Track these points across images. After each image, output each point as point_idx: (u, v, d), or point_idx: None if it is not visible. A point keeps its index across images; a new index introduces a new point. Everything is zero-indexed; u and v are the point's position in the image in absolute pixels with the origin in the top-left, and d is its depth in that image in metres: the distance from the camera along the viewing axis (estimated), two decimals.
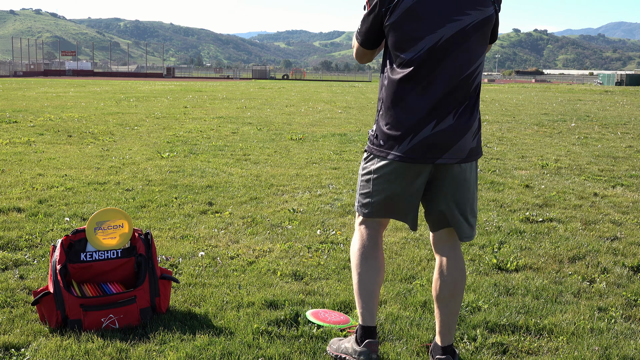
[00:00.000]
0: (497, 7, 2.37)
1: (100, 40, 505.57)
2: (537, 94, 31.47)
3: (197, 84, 44.51)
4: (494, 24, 2.38)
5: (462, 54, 2.29)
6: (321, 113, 16.60)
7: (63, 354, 2.68)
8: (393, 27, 2.32)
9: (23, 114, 14.74)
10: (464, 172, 2.41)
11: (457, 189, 2.42)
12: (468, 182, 2.44)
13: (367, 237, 2.59)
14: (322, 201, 5.72)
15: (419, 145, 2.32)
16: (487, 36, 2.38)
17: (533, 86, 49.88)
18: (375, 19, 2.37)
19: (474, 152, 2.41)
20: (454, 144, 2.32)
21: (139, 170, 7.22)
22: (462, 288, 2.55)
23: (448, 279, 2.53)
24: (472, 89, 2.35)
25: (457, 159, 2.35)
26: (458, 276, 2.53)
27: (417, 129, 2.32)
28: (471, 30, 2.29)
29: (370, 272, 2.56)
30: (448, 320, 2.57)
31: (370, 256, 2.57)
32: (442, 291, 2.55)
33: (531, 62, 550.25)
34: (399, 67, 2.35)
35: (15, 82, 40.75)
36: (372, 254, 2.57)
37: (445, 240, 2.56)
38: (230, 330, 2.92)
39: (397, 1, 2.29)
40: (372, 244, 2.58)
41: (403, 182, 2.41)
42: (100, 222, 3.13)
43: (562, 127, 13.33)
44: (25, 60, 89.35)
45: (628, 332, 3.00)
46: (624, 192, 6.36)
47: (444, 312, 2.56)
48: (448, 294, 2.54)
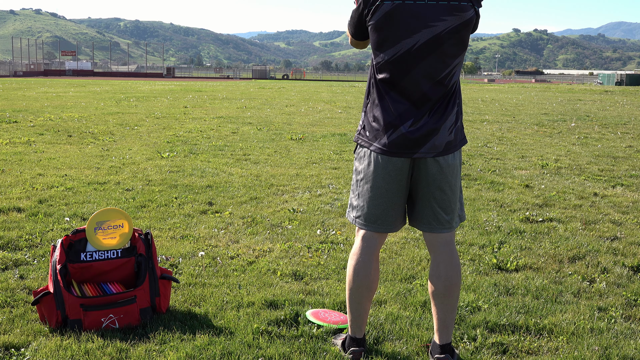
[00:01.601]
0: (477, 7, 2.42)
1: (100, 40, 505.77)
2: (537, 93, 31.47)
3: (197, 84, 44.51)
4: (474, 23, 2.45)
5: (436, 58, 2.39)
6: (321, 113, 16.60)
7: (63, 354, 2.68)
8: (373, 28, 2.43)
9: (23, 114, 14.75)
10: (442, 164, 2.49)
11: (434, 181, 2.50)
12: (445, 173, 2.50)
13: (361, 252, 2.61)
14: (322, 201, 5.72)
15: (397, 140, 2.44)
16: (465, 39, 2.43)
17: (533, 86, 49.90)
18: (360, 17, 2.49)
19: (452, 144, 2.50)
20: (428, 140, 2.43)
21: (139, 170, 7.22)
22: (457, 284, 2.58)
23: (442, 276, 2.56)
24: (447, 89, 2.46)
25: (433, 152, 2.45)
26: (452, 272, 2.56)
27: (396, 125, 2.44)
28: (445, 36, 2.37)
29: (362, 289, 2.61)
30: (445, 317, 2.59)
31: (362, 272, 2.60)
32: (437, 288, 2.58)
33: (531, 62, 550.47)
34: (379, 65, 2.47)
35: (15, 82, 40.76)
36: (365, 271, 2.60)
37: (437, 237, 2.58)
38: (230, 330, 2.93)
39: (379, 4, 2.38)
40: (367, 259, 2.60)
41: (387, 177, 2.50)
42: (100, 222, 3.13)
43: (562, 127, 13.33)
44: (25, 60, 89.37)
45: (628, 332, 3.00)
46: (624, 192, 6.36)
47: (441, 309, 2.59)
48: (443, 291, 2.57)
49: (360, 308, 2.64)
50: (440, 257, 2.58)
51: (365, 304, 2.64)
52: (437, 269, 2.58)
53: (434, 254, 2.60)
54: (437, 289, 2.57)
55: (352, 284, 2.62)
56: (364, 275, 2.59)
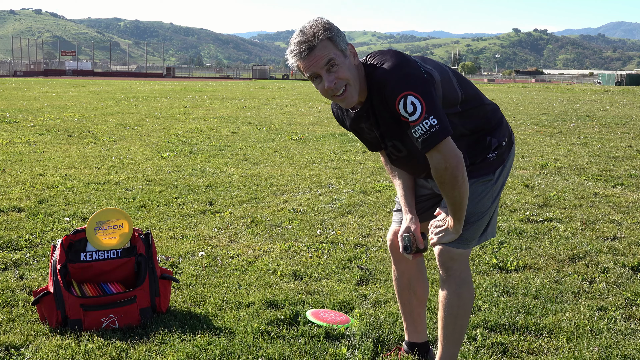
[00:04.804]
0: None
1: (100, 40, 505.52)
2: (537, 93, 31.47)
3: (197, 84, 44.50)
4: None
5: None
6: (321, 113, 16.60)
7: (63, 354, 2.68)
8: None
9: (23, 114, 14.75)
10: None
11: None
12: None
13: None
14: (322, 201, 5.72)
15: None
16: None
17: (533, 86, 49.88)
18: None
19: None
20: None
21: (139, 170, 7.22)
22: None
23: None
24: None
25: None
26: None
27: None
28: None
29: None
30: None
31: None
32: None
33: (531, 62, 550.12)
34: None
35: (15, 82, 40.75)
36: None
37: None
38: (230, 330, 2.93)
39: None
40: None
41: None
42: (101, 222, 3.13)
43: (562, 127, 13.33)
44: (25, 60, 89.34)
45: (628, 332, 3.00)
46: (624, 192, 6.36)
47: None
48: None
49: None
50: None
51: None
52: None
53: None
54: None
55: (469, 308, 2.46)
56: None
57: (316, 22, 2.15)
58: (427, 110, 2.09)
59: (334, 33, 2.14)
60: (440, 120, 2.10)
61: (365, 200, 5.80)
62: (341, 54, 2.15)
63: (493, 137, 2.36)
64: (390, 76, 2.13)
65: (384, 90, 2.14)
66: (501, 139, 2.38)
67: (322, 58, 2.13)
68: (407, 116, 2.11)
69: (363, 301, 3.34)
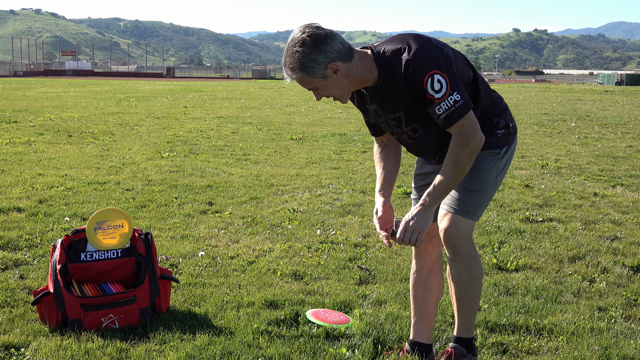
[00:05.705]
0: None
1: (100, 40, 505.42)
2: (537, 93, 31.46)
3: (197, 84, 44.50)
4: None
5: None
6: (321, 113, 16.60)
7: (63, 354, 2.68)
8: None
9: (23, 114, 14.75)
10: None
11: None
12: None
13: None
14: (322, 201, 5.72)
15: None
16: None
17: (533, 86, 49.87)
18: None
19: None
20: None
21: (139, 170, 7.22)
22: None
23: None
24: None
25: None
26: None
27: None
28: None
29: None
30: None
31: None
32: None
33: (531, 62, 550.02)
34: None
35: (15, 82, 40.75)
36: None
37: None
38: (230, 330, 2.93)
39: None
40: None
41: None
42: (100, 222, 3.13)
43: (562, 127, 13.33)
44: (25, 60, 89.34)
45: (628, 332, 3.00)
46: (624, 192, 6.36)
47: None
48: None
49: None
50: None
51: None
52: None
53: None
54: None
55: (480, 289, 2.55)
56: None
57: (292, 51, 2.22)
58: (450, 87, 2.21)
59: (307, 66, 2.22)
60: (463, 95, 2.23)
61: (365, 200, 5.80)
62: (321, 79, 2.27)
63: (500, 118, 2.48)
64: (417, 57, 2.23)
65: (413, 71, 2.23)
66: (508, 120, 2.49)
67: (305, 84, 2.29)
68: (434, 94, 2.23)
69: (363, 301, 3.34)
